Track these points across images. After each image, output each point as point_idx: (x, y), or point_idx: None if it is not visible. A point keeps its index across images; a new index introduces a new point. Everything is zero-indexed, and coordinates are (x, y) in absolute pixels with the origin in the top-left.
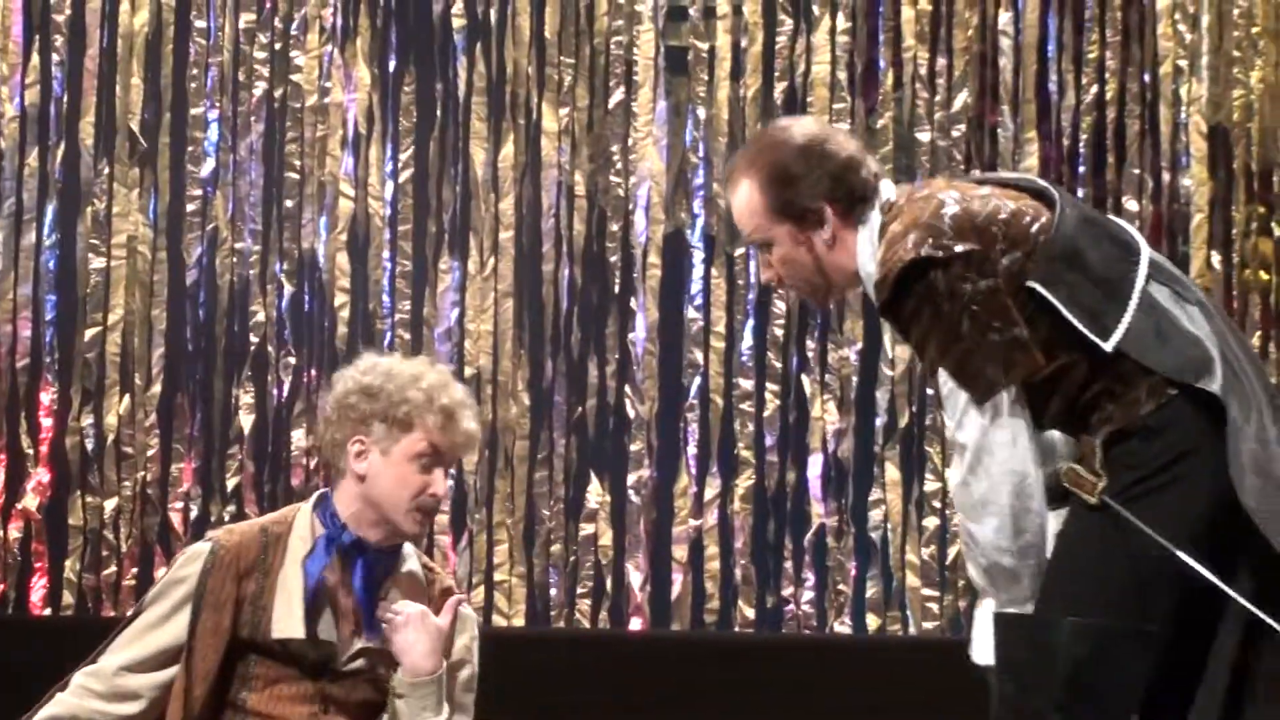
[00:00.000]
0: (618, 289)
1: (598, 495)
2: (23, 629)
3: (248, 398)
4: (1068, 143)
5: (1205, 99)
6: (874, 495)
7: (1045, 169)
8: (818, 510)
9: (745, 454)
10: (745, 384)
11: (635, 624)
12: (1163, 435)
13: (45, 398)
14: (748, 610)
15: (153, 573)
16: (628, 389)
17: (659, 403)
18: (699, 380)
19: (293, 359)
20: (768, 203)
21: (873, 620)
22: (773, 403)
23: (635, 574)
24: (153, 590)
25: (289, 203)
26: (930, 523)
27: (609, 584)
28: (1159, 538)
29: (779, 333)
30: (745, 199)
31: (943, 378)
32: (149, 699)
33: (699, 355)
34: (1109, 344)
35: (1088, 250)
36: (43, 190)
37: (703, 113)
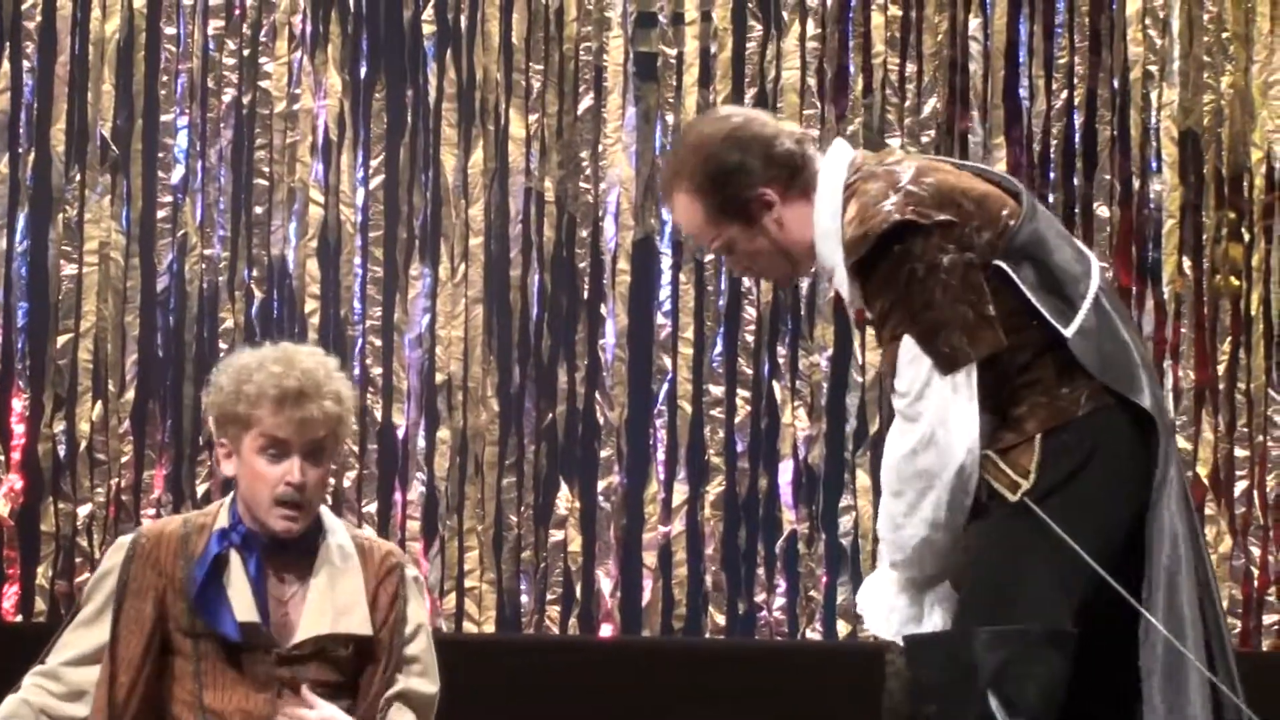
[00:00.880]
0: (587, 295)
1: (567, 501)
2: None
3: (207, 391)
4: (1038, 148)
5: (1176, 104)
6: (845, 501)
7: (1015, 174)
8: (789, 516)
9: (716, 460)
10: (716, 390)
11: (606, 630)
12: (1096, 437)
13: (17, 404)
14: (718, 617)
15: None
16: (597, 395)
17: (628, 409)
18: (668, 386)
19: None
20: (710, 209)
21: (844, 627)
22: (743, 409)
23: (605, 580)
24: (87, 587)
25: (258, 209)
26: None
27: (579, 590)
28: (1074, 544)
29: (749, 339)
30: (687, 213)
31: (905, 347)
32: (91, 695)
33: (668, 361)
34: (1069, 331)
35: (1051, 245)
36: (13, 197)
37: (672, 119)
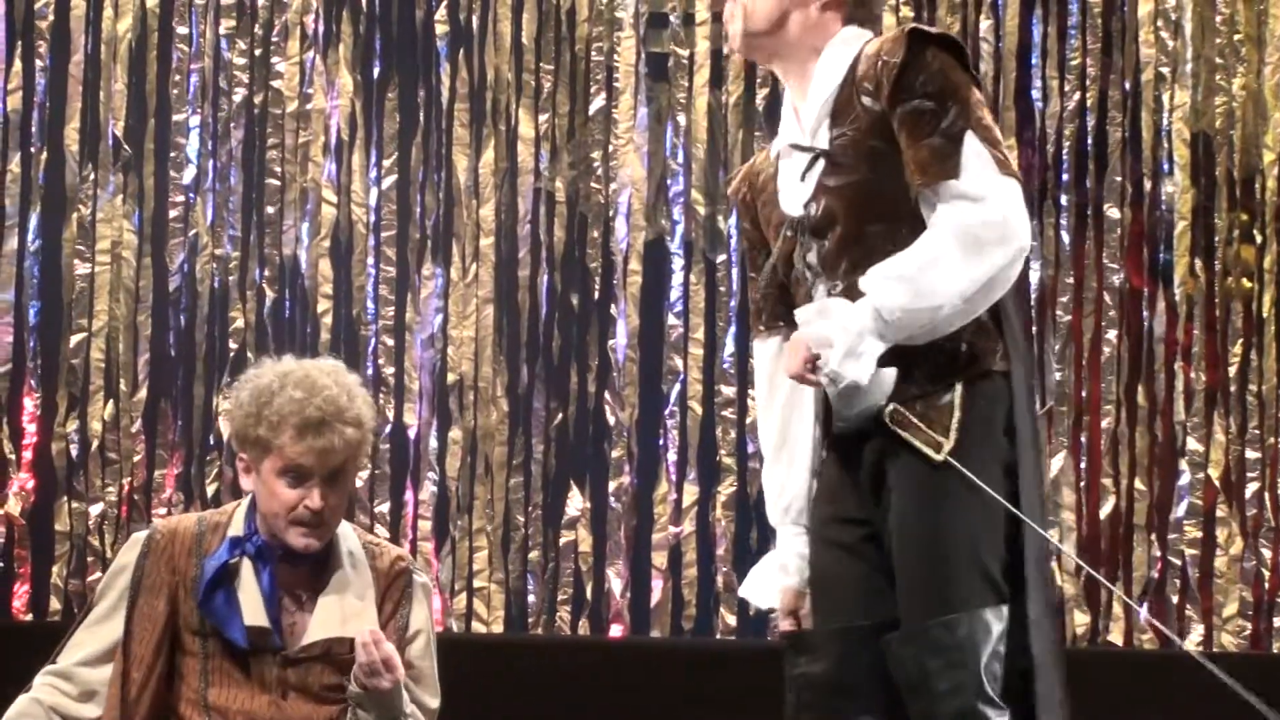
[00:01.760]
0: (598, 295)
1: (578, 502)
2: (6, 634)
3: (227, 404)
4: (1050, 149)
5: (1188, 106)
6: None
7: (1028, 176)
8: None
9: (727, 461)
10: (727, 391)
11: (615, 630)
12: (1010, 393)
13: (29, 403)
14: (729, 618)
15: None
16: (607, 396)
17: (639, 410)
18: (679, 387)
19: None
20: None
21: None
22: (755, 410)
23: (615, 580)
24: (101, 584)
25: (270, 209)
26: None
27: (589, 590)
28: (1011, 504)
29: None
30: None
31: (969, 140)
32: (105, 690)
33: (679, 362)
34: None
35: None
36: (26, 196)
37: (684, 119)
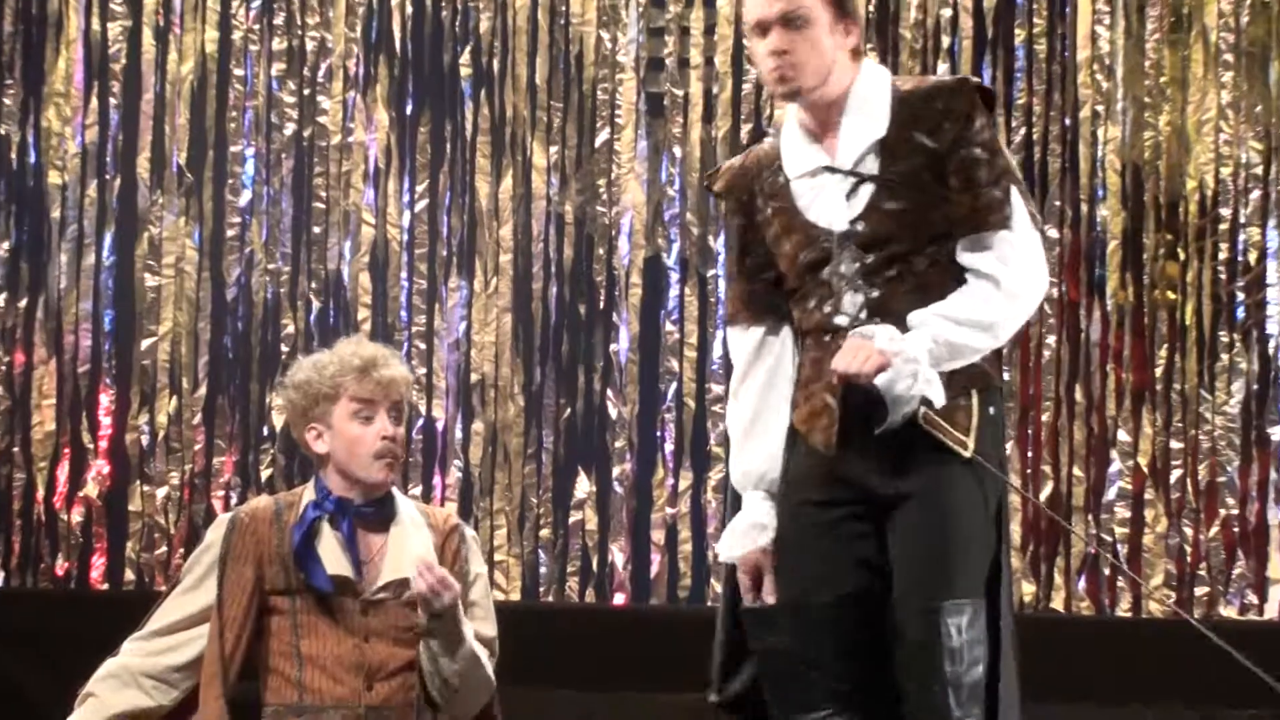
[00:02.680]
0: (602, 305)
1: (585, 486)
2: (88, 602)
3: (281, 400)
4: None
5: (1119, 140)
6: None
7: None
8: None
9: (717, 450)
10: (716, 389)
11: (619, 599)
12: (1002, 402)
13: (105, 400)
14: (718, 586)
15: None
16: (610, 393)
17: (639, 405)
18: (675, 385)
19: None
20: None
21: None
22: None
23: (618, 555)
24: (189, 560)
25: (316, 229)
26: None
27: (595, 564)
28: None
29: None
30: None
31: (1015, 194)
32: (194, 649)
33: (675, 364)
34: None
35: None
36: (101, 218)
37: (679, 151)
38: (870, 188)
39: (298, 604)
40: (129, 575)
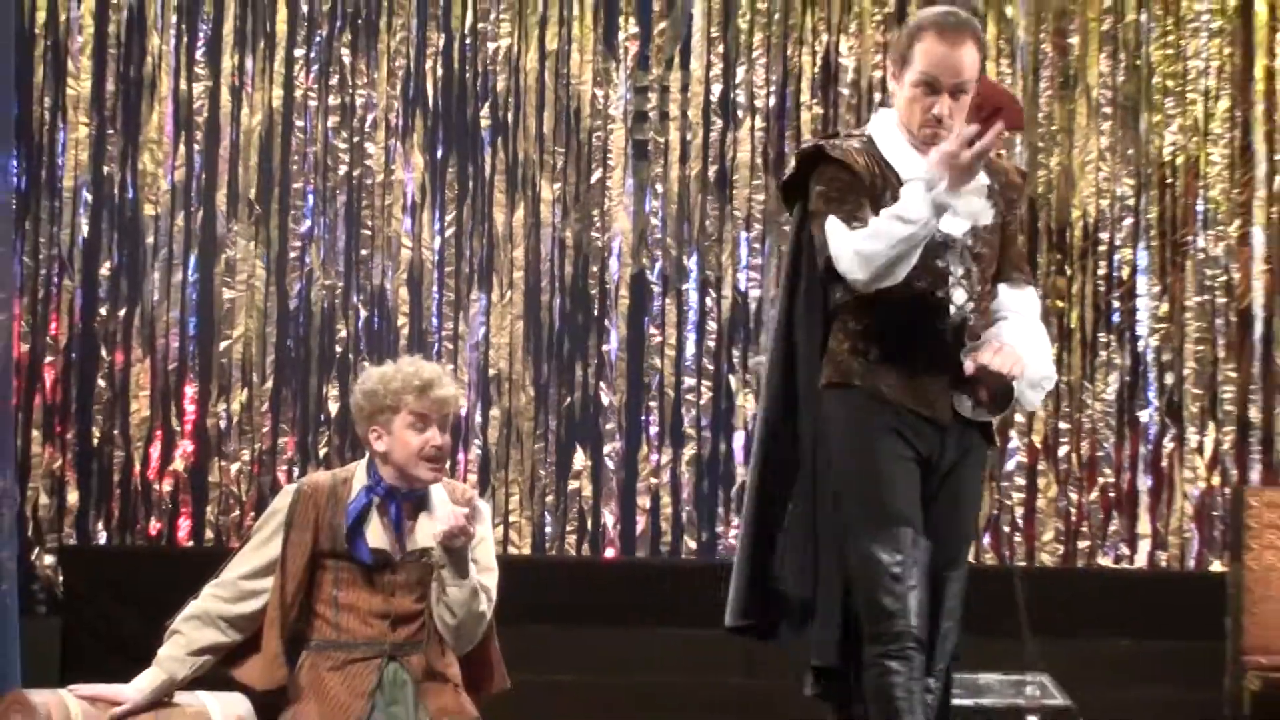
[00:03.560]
0: (596, 313)
1: (582, 460)
2: (174, 557)
3: (334, 391)
4: None
5: None
6: None
7: None
8: (740, 470)
9: (689, 431)
10: (689, 381)
11: (609, 553)
12: None
13: (189, 391)
14: (691, 542)
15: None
16: (603, 385)
17: (627, 394)
18: (657, 378)
19: (366, 363)
20: (980, 64)
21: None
22: (708, 394)
23: (609, 517)
24: (259, 521)
25: (363, 251)
26: None
27: (590, 524)
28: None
29: (712, 345)
30: (973, 56)
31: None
32: (262, 598)
33: (657, 361)
34: None
35: None
36: (187, 242)
37: (660, 188)
38: (986, 215)
39: (341, 564)
40: (208, 535)
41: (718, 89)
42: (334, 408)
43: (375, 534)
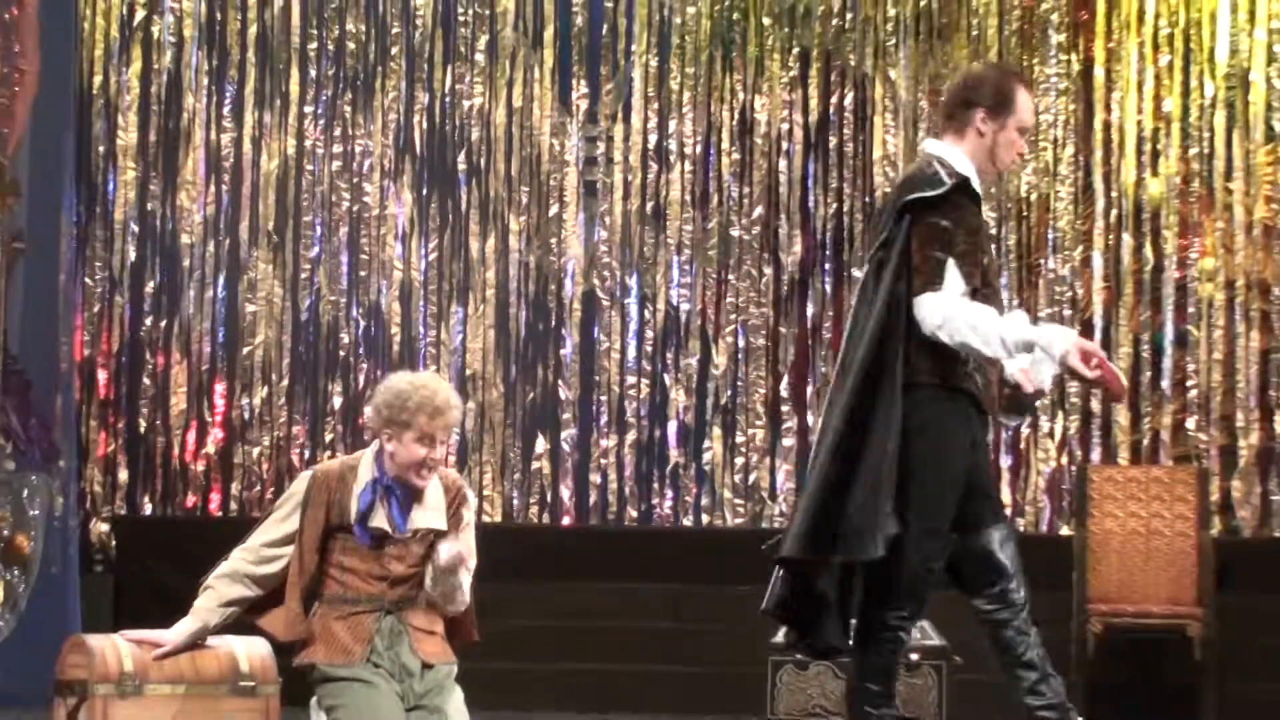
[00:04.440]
0: (554, 323)
1: (543, 445)
2: (207, 525)
3: (338, 388)
4: (818, 236)
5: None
6: (705, 444)
7: (807, 251)
8: (673, 454)
9: (631, 420)
10: (631, 379)
11: (565, 520)
12: None
13: (219, 388)
14: (632, 511)
15: (282, 491)
16: (560, 382)
17: (579, 390)
18: (604, 377)
19: (365, 366)
20: None
21: (705, 519)
22: (646, 390)
23: (565, 491)
24: (280, 499)
25: (362, 273)
26: (740, 461)
27: (549, 497)
28: None
29: (649, 349)
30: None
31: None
32: (280, 562)
33: (605, 362)
34: None
35: None
36: (216, 265)
37: (607, 220)
38: None
39: (348, 536)
40: (234, 507)
41: (653, 138)
42: (338, 402)
43: (377, 518)
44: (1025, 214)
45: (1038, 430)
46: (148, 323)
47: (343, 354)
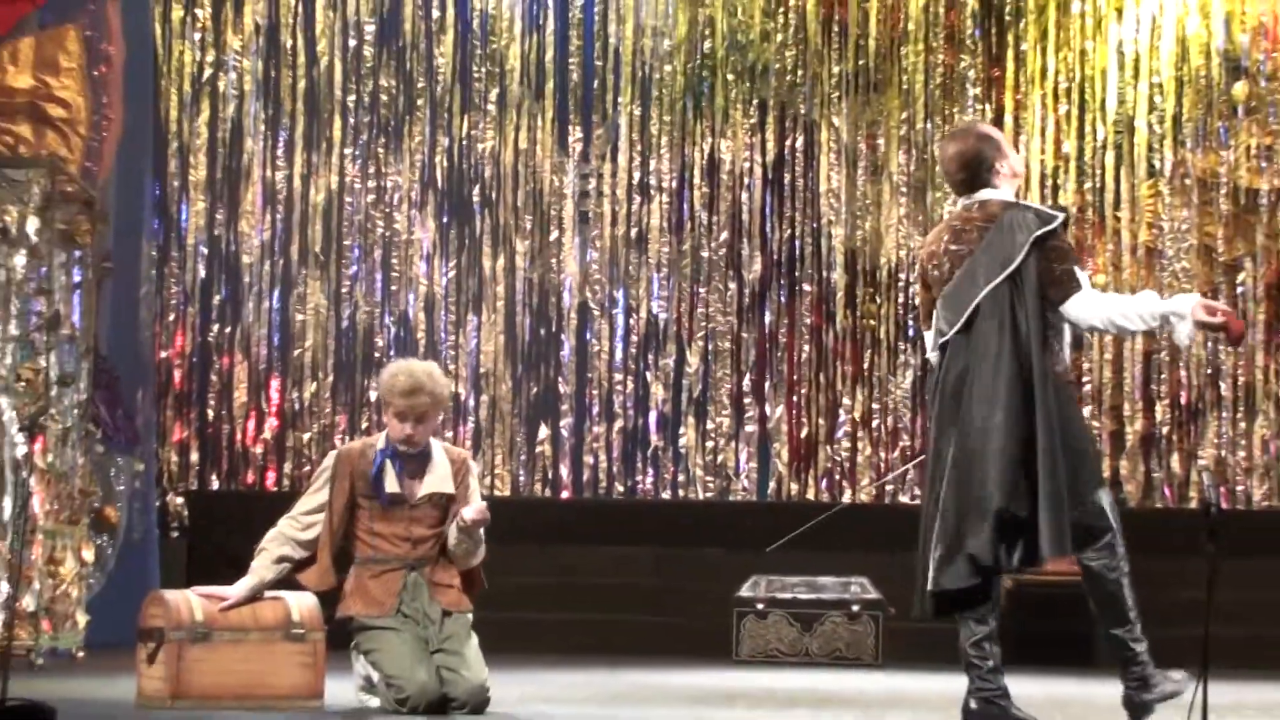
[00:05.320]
0: (554, 329)
1: (545, 432)
2: (265, 498)
3: (373, 384)
4: (775, 258)
5: (843, 235)
6: (680, 430)
7: (765, 269)
8: (654, 438)
9: (618, 410)
10: (618, 378)
11: (565, 494)
12: None
13: (274, 384)
14: (620, 487)
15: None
16: (559, 379)
17: (575, 385)
18: (596, 374)
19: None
20: None
21: (680, 493)
22: (631, 385)
23: (564, 469)
24: (313, 475)
25: (393, 288)
26: (709, 444)
27: (550, 475)
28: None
29: (634, 351)
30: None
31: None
32: (317, 528)
33: (596, 362)
34: None
35: None
36: (272, 281)
37: (598, 243)
38: None
39: (373, 504)
40: (286, 484)
41: (637, 175)
42: (373, 395)
43: (392, 483)
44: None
45: None
46: (214, 329)
47: (377, 355)
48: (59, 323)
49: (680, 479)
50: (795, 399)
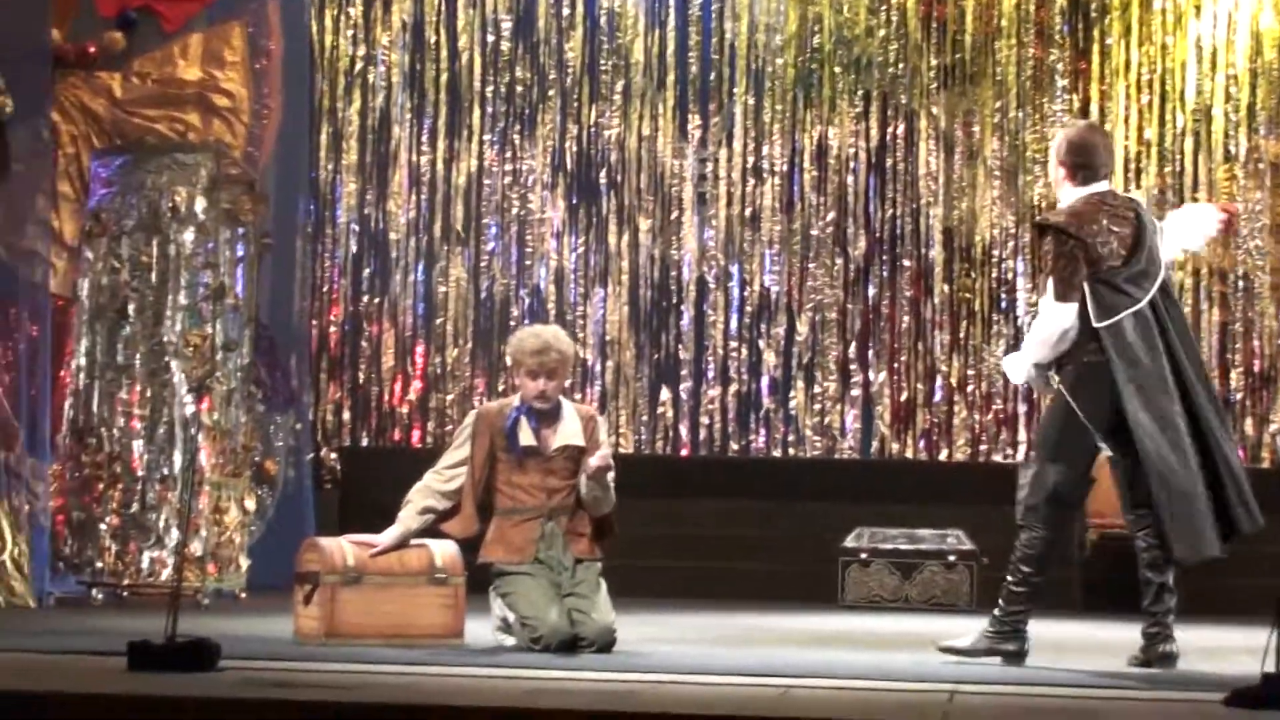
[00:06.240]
0: (675, 300)
1: (666, 394)
2: (410, 455)
3: (509, 350)
4: (877, 235)
5: (942, 215)
6: (790, 394)
7: (869, 246)
8: (766, 401)
9: (733, 376)
10: (733, 344)
11: (683, 452)
12: None
13: (419, 349)
14: (734, 445)
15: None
16: (680, 346)
17: (694, 352)
18: (712, 342)
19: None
20: None
21: (790, 451)
22: (745, 352)
23: (683, 429)
24: (456, 431)
25: (527, 262)
26: (817, 407)
27: (670, 434)
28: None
29: (748, 321)
30: None
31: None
32: (458, 480)
33: (713, 331)
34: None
35: None
36: (417, 256)
37: (714, 222)
38: None
39: (511, 458)
40: (430, 441)
41: (751, 159)
42: (509, 361)
43: (526, 436)
44: (1037, 215)
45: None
46: (364, 299)
47: (512, 324)
48: (224, 293)
49: (790, 439)
50: (896, 365)
